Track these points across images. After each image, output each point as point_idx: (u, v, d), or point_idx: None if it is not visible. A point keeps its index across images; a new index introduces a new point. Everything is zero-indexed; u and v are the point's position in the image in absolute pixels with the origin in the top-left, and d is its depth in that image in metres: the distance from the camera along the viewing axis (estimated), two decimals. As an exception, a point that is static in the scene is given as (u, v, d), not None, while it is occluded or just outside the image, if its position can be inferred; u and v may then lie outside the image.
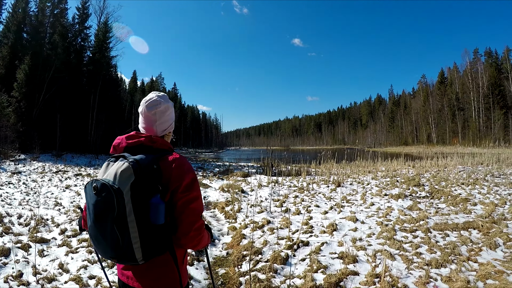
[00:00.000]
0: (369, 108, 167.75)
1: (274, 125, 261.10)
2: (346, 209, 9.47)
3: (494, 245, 6.18)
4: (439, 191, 12.06)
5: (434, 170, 20.32)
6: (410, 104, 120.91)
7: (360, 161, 25.72)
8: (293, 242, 6.34)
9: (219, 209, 10.14)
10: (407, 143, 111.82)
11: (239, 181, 16.22)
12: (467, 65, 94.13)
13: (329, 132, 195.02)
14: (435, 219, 8.12)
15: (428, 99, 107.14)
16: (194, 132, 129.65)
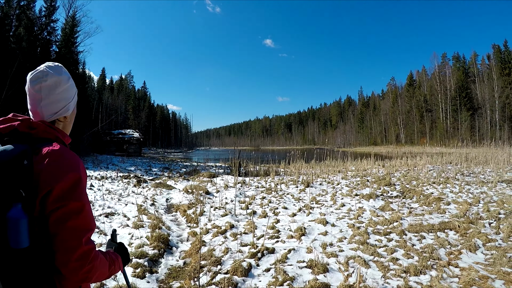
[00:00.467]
0: (339, 109, 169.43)
1: (245, 125, 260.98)
2: (316, 210, 8.95)
3: (474, 247, 5.85)
4: (411, 190, 11.82)
5: (404, 170, 20.19)
6: (379, 105, 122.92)
7: (330, 160, 25.46)
8: (257, 250, 5.76)
9: (181, 212, 9.46)
10: (376, 143, 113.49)
11: (205, 182, 15.58)
12: (436, 68, 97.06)
13: (299, 132, 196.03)
14: (409, 220, 7.72)
15: (397, 100, 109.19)
16: (163, 132, 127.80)
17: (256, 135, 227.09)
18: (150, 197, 11.66)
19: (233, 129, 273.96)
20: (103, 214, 8.76)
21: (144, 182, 15.92)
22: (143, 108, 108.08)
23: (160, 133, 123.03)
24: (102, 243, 6.30)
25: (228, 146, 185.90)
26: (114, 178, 17.82)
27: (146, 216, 8.35)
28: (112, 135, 48.76)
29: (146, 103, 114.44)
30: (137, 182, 15.44)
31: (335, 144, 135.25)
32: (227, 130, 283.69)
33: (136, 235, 6.71)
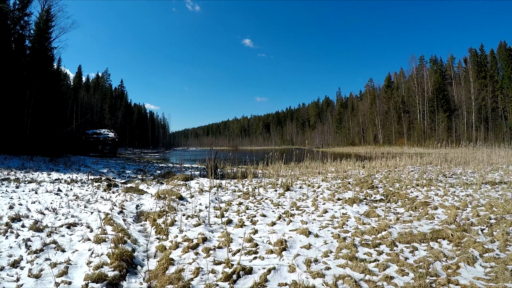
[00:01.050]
0: (317, 110, 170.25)
1: (223, 125, 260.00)
2: (297, 218, 8.30)
3: (472, 259, 5.34)
4: (395, 193, 11.41)
5: (385, 171, 19.87)
6: (358, 106, 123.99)
7: (309, 161, 24.98)
8: (233, 270, 5.04)
9: (151, 222, 8.68)
10: (354, 144, 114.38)
11: (179, 185, 14.85)
12: (413, 70, 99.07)
13: (278, 133, 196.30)
14: (398, 228, 7.17)
15: (375, 101, 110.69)
16: (140, 131, 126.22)
17: (235, 135, 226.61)
18: (119, 203, 10.88)
19: (211, 129, 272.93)
20: (65, 224, 7.99)
21: (114, 186, 15.12)
22: (119, 107, 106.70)
23: (137, 133, 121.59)
24: (57, 262, 5.56)
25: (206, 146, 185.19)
26: (85, 182, 17.01)
27: (111, 227, 7.59)
28: (86, 135, 47.62)
29: (123, 102, 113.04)
30: (107, 186, 14.66)
31: (313, 144, 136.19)
32: (205, 130, 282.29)
33: (97, 252, 5.94)
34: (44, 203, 11.11)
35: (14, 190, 13.99)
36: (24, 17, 36.58)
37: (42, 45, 36.22)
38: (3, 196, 12.38)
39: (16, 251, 6.27)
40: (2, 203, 11.02)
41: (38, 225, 7.85)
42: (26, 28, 36.95)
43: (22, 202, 11.24)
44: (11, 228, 7.66)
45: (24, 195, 12.76)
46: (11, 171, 21.04)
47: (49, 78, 37.88)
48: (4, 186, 15.28)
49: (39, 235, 7.14)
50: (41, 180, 17.45)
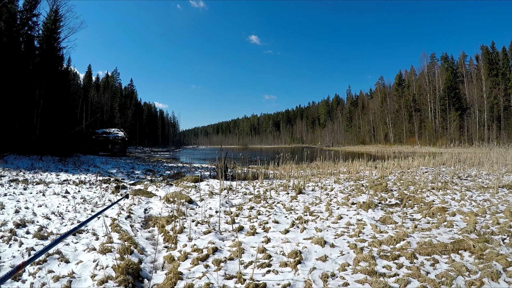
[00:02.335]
0: (327, 108, 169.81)
1: (233, 124, 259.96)
2: (311, 225, 7.98)
3: (496, 274, 4.96)
4: (410, 197, 11.04)
5: (398, 172, 19.53)
6: (368, 104, 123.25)
7: (320, 161, 24.68)
8: (245, 286, 4.77)
9: (159, 228, 8.41)
10: (364, 142, 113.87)
11: (189, 187, 14.61)
12: (424, 68, 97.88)
13: (288, 131, 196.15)
14: (416, 237, 6.81)
15: (386, 100, 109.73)
16: (150, 130, 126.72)
17: (244, 134, 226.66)
18: (126, 207, 10.66)
19: (221, 128, 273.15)
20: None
21: (123, 188, 14.93)
22: (129, 106, 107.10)
23: (147, 132, 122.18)
24: (60, 275, 5.31)
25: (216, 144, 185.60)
26: (93, 183, 16.85)
27: (118, 235, 7.34)
28: (96, 134, 47.72)
29: (132, 101, 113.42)
30: (115, 189, 14.46)
31: (323, 143, 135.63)
32: (215, 128, 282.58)
33: (102, 264, 5.66)
34: (51, 206, 10.93)
35: (21, 192, 13.85)
36: (33, 17, 36.67)
37: (51, 45, 36.37)
38: (10, 199, 12.21)
39: (18, 260, 6.01)
40: (9, 206, 10.84)
41: (43, 232, 7.63)
42: (34, 28, 37.06)
43: (29, 205, 11.06)
44: (15, 235, 7.44)
45: (31, 197, 12.59)
46: (20, 172, 20.98)
47: (58, 78, 38.07)
48: (12, 187, 15.16)
49: (43, 243, 6.91)
50: (50, 181, 17.33)
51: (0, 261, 5.96)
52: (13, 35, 33.46)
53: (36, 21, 36.97)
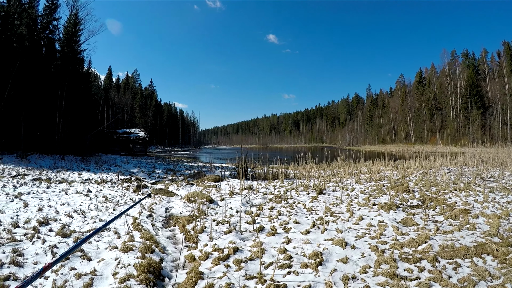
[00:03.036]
0: (347, 107, 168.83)
1: (252, 123, 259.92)
2: (331, 226, 7.94)
3: None
4: (432, 198, 10.88)
5: (420, 172, 19.29)
6: (388, 103, 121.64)
7: (341, 161, 24.55)
8: (266, 287, 4.78)
9: (180, 227, 8.47)
10: (385, 142, 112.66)
11: (210, 187, 14.67)
12: (445, 65, 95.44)
13: (307, 131, 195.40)
14: (438, 239, 6.71)
15: (406, 98, 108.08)
16: (170, 130, 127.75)
17: (264, 133, 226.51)
18: (148, 206, 10.76)
19: (241, 127, 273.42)
20: (93, 229, 7.86)
21: (144, 188, 15.06)
22: (150, 107, 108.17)
23: (167, 131, 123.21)
24: (82, 272, 5.38)
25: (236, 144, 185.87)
26: (114, 182, 17.05)
27: (139, 233, 7.42)
28: (117, 134, 48.33)
29: (153, 102, 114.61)
30: (136, 188, 14.60)
31: (343, 142, 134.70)
32: (235, 128, 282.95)
33: (123, 262, 5.75)
34: (73, 205, 11.08)
35: (44, 190, 14.06)
36: (53, 21, 37.79)
37: (72, 48, 37.23)
38: (33, 197, 12.42)
39: (41, 258, 6.13)
40: (32, 204, 11.03)
41: (65, 230, 7.75)
42: (55, 32, 38.19)
43: (52, 203, 11.23)
44: (39, 233, 7.57)
45: (54, 196, 12.79)
46: (43, 171, 21.32)
47: (79, 80, 38.98)
48: (35, 186, 15.42)
49: (65, 241, 7.01)
50: (72, 180, 17.57)
51: (23, 258, 6.07)
52: (34, 38, 34.36)
53: (56, 24, 38.12)
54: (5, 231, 7.71)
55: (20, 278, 5.24)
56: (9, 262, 5.78)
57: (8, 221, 8.75)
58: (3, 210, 10.36)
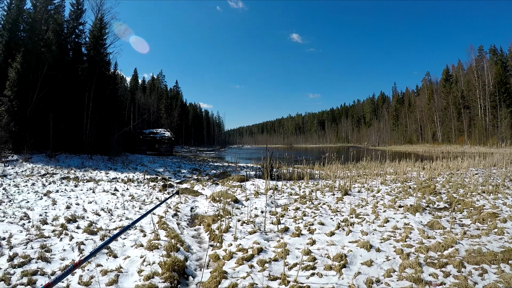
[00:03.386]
0: (372, 106, 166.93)
1: (277, 123, 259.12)
2: (356, 228, 7.88)
3: None
4: (459, 201, 10.64)
5: (447, 173, 18.90)
6: (414, 102, 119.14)
7: (366, 161, 24.33)
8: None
9: (205, 226, 8.56)
10: (411, 142, 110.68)
11: (235, 187, 14.73)
12: (472, 62, 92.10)
13: (333, 130, 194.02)
14: (465, 244, 6.57)
15: (433, 97, 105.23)
16: (196, 130, 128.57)
17: (289, 133, 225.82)
18: (173, 206, 10.88)
19: (266, 127, 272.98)
20: (119, 227, 8.03)
21: (170, 187, 15.21)
22: (175, 107, 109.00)
23: (193, 131, 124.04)
24: (108, 269, 5.50)
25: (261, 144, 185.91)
26: (141, 181, 17.27)
27: (164, 232, 7.52)
28: (143, 134, 49.00)
29: (178, 102, 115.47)
30: (162, 187, 14.78)
31: (369, 142, 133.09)
32: (260, 128, 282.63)
33: (149, 260, 5.84)
34: (100, 203, 11.29)
35: (72, 189, 14.36)
36: (79, 26, 38.93)
37: (98, 52, 38.32)
38: (62, 195, 12.71)
39: (69, 254, 6.30)
40: (60, 202, 11.29)
41: (92, 227, 7.92)
42: (81, 36, 39.32)
43: (79, 201, 11.48)
44: (66, 230, 7.76)
45: (81, 194, 13.05)
46: (71, 170, 21.75)
47: (106, 82, 40.20)
48: (64, 185, 15.75)
49: (92, 238, 7.18)
50: (99, 179, 17.86)
51: (51, 253, 6.24)
52: (61, 43, 35.31)
53: (82, 29, 39.23)
54: (34, 227, 7.94)
55: (47, 273, 5.40)
56: (37, 257, 5.97)
57: (37, 218, 9.01)
58: (32, 207, 10.66)
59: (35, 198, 12.37)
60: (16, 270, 5.51)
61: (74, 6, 38.46)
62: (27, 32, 34.45)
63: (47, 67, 31.41)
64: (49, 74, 31.77)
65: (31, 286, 4.97)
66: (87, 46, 38.99)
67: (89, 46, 38.61)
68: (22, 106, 30.67)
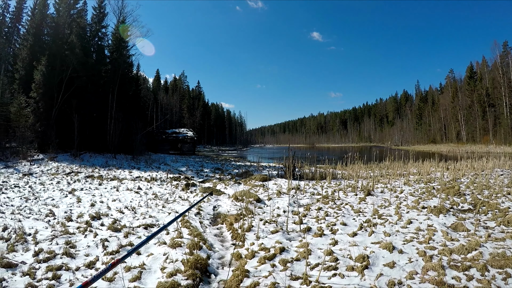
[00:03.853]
0: (395, 105, 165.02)
1: (299, 122, 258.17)
2: (379, 229, 7.83)
3: None
4: (484, 202, 10.46)
5: (471, 174, 18.62)
6: (438, 100, 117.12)
7: (389, 161, 24.13)
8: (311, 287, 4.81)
9: (227, 225, 8.66)
10: (435, 141, 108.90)
11: (257, 186, 14.78)
12: (497, 58, 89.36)
13: (355, 129, 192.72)
14: (489, 247, 6.44)
15: (457, 95, 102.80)
16: (218, 129, 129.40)
17: (311, 132, 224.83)
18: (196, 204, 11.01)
19: (288, 127, 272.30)
20: (143, 225, 8.16)
21: (192, 186, 15.37)
22: (197, 107, 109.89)
23: (215, 131, 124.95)
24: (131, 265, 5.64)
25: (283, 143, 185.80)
26: (164, 180, 17.51)
27: (187, 230, 7.62)
28: (166, 134, 49.59)
29: (200, 102, 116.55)
30: (185, 186, 14.94)
31: (392, 141, 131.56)
32: (282, 127, 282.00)
33: (171, 257, 5.96)
34: (124, 201, 11.49)
35: (96, 187, 14.63)
36: (102, 29, 40.13)
37: (120, 54, 39.46)
38: (86, 193, 12.98)
39: (93, 250, 6.48)
40: (85, 200, 11.54)
41: (116, 225, 8.08)
42: (104, 39, 40.68)
43: (104, 199, 11.72)
44: (91, 227, 7.95)
45: (105, 192, 13.30)
46: (95, 169, 22.17)
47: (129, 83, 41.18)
48: (88, 183, 16.07)
49: (116, 235, 7.33)
50: (123, 177, 18.15)
51: (75, 249, 6.40)
52: (85, 46, 36.37)
53: (105, 32, 40.46)
54: (59, 224, 8.16)
55: (72, 269, 5.55)
56: (62, 253, 6.16)
57: (62, 215, 9.24)
58: (57, 204, 10.93)
59: (60, 195, 12.66)
60: (41, 265, 5.70)
61: (96, 10, 39.61)
62: (51, 36, 35.84)
63: (71, 69, 32.45)
64: (73, 76, 32.77)
65: (55, 281, 5.11)
66: (110, 48, 40.07)
67: (111, 48, 39.61)
68: (47, 107, 31.63)
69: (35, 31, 35.94)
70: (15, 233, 7.34)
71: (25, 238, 7.03)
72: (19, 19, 42.75)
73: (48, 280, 5.11)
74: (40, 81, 31.29)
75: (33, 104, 31.14)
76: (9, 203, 11.20)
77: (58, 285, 5.03)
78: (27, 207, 10.52)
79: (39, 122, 31.05)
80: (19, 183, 16.02)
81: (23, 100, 30.21)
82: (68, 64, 32.63)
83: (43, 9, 37.61)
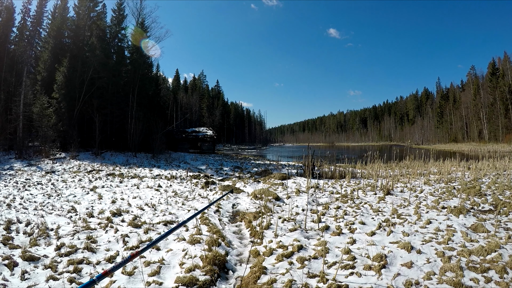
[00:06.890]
0: (416, 103, 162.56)
1: (319, 121, 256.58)
2: (398, 228, 7.80)
3: None
4: (505, 203, 10.27)
5: (493, 174, 18.31)
6: (460, 98, 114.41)
7: (409, 160, 23.92)
8: (327, 286, 4.82)
9: (246, 223, 8.73)
10: (456, 140, 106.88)
11: (276, 184, 14.81)
12: None
13: (375, 128, 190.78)
14: (508, 249, 6.34)
15: (479, 92, 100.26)
16: (237, 128, 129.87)
17: (330, 131, 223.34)
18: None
19: (307, 125, 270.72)
20: (162, 222, 8.28)
21: (212, 184, 15.50)
22: (217, 106, 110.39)
23: (234, 130, 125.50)
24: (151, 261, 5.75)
25: (302, 142, 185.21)
26: (184, 178, 17.67)
27: (206, 227, 7.71)
28: (186, 133, 49.91)
29: (219, 101, 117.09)
30: (205, 184, 15.06)
31: (412, 140, 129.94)
32: (301, 126, 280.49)
33: (190, 253, 6.06)
34: (144, 198, 11.65)
35: (117, 184, 14.85)
36: (121, 31, 41.07)
37: (140, 54, 40.01)
38: (107, 190, 13.20)
39: (113, 245, 6.63)
40: (106, 197, 11.74)
41: (136, 221, 8.23)
42: (123, 40, 41.55)
43: (124, 197, 11.91)
44: (111, 223, 8.11)
45: (126, 190, 13.50)
46: (116, 167, 22.47)
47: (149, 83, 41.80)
48: (109, 180, 16.33)
49: (136, 231, 7.47)
50: (143, 175, 18.36)
51: (96, 244, 6.57)
52: (105, 47, 37.26)
53: (124, 33, 41.21)
54: (81, 220, 8.36)
55: (92, 263, 5.71)
56: (83, 247, 6.33)
57: (84, 211, 9.45)
58: (79, 201, 11.16)
59: (82, 192, 12.91)
60: (63, 258, 5.87)
61: (115, 12, 40.45)
62: (71, 38, 36.83)
63: (92, 70, 33.25)
64: (94, 77, 33.51)
65: (76, 274, 5.26)
66: (129, 50, 40.67)
67: (131, 49, 40.29)
68: (69, 107, 32.44)
69: (56, 33, 36.84)
70: (37, 228, 7.56)
71: (47, 233, 7.26)
72: (39, 22, 43.67)
73: (69, 273, 5.26)
74: (62, 82, 32.08)
75: (55, 105, 32.07)
76: (32, 200, 11.51)
77: (78, 277, 5.18)
78: (49, 204, 10.78)
79: (61, 121, 31.92)
80: (42, 180, 16.39)
81: (45, 100, 30.93)
82: (89, 65, 33.43)
83: (63, 13, 38.73)
